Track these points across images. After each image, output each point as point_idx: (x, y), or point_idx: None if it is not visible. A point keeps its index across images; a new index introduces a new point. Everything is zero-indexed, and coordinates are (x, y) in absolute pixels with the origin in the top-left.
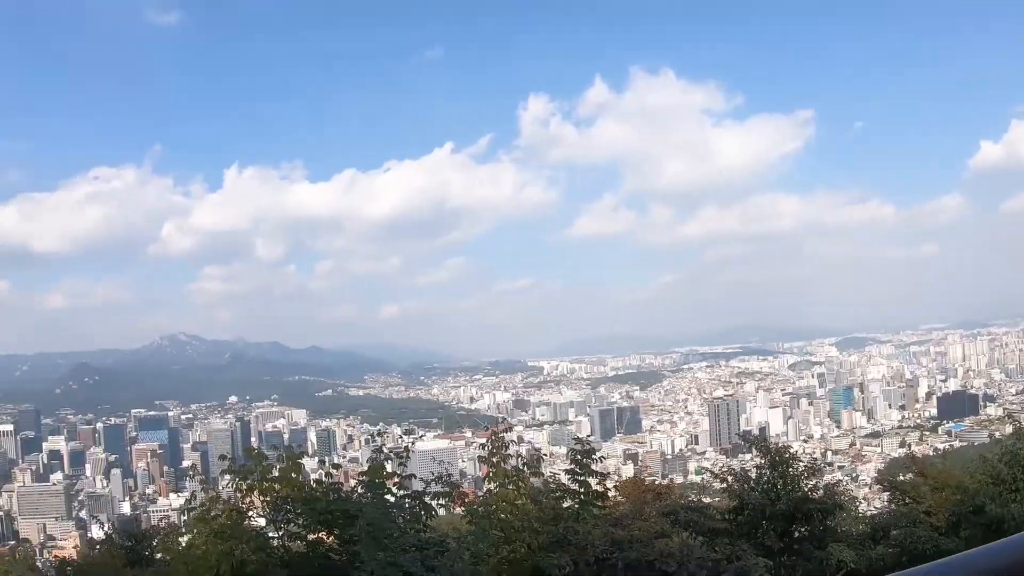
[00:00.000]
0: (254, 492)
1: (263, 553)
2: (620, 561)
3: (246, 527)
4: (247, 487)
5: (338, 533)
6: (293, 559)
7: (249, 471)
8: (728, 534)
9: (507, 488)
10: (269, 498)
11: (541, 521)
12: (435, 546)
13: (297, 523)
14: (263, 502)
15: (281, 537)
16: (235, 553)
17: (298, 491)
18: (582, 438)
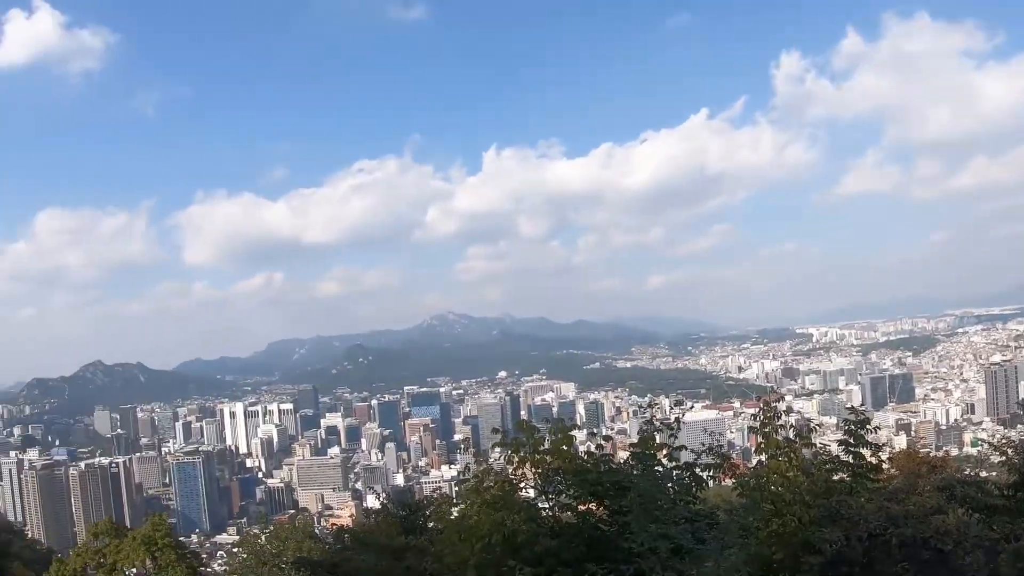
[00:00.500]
0: (526, 464)
1: (533, 523)
2: (894, 537)
3: (517, 498)
4: (519, 459)
5: (608, 504)
6: (563, 529)
7: (521, 444)
8: (1007, 511)
9: (778, 460)
10: (540, 470)
11: (812, 494)
12: (705, 518)
13: (568, 494)
14: (534, 474)
15: (551, 508)
16: (506, 523)
17: (569, 463)
18: (855, 407)
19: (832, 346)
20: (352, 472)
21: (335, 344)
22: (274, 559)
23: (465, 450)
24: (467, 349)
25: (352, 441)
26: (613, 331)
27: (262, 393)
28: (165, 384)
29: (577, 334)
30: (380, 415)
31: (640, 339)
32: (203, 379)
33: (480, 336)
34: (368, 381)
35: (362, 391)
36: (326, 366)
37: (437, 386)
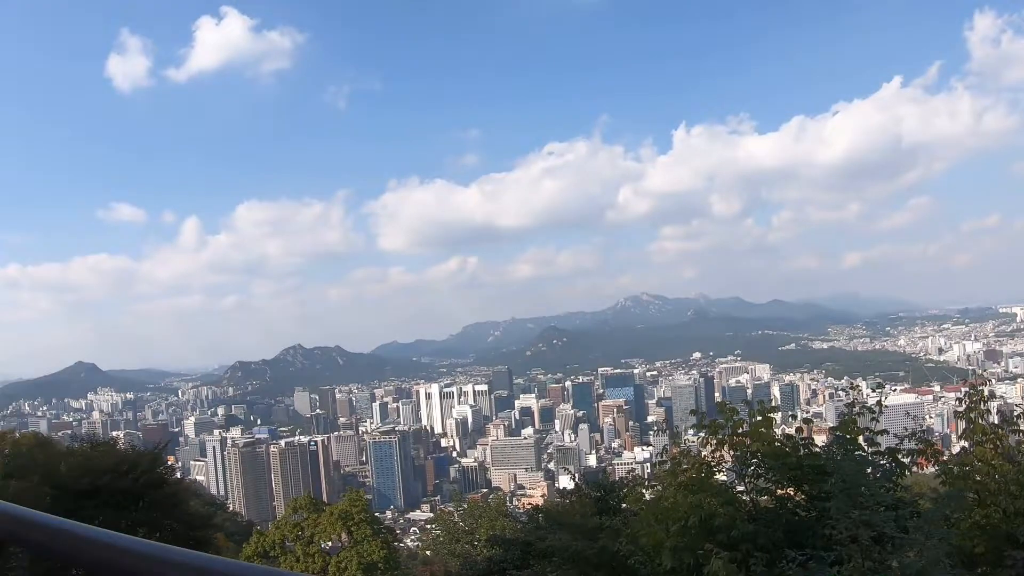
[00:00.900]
0: (724, 446)
1: (731, 507)
2: None
3: (714, 481)
4: (717, 441)
5: (807, 489)
6: (760, 514)
7: (719, 426)
8: None
9: (983, 447)
10: (738, 452)
11: (1018, 484)
12: (908, 506)
13: (766, 478)
14: (732, 456)
15: (748, 492)
16: (703, 506)
17: (768, 446)
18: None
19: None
20: (545, 452)
21: (529, 326)
22: (467, 536)
23: (659, 432)
24: (661, 330)
25: (545, 422)
26: (808, 311)
27: (457, 375)
28: (362, 366)
29: (772, 314)
30: (574, 396)
31: (836, 319)
32: (399, 361)
33: (674, 317)
34: (562, 362)
35: (556, 372)
36: (520, 348)
37: (631, 367)
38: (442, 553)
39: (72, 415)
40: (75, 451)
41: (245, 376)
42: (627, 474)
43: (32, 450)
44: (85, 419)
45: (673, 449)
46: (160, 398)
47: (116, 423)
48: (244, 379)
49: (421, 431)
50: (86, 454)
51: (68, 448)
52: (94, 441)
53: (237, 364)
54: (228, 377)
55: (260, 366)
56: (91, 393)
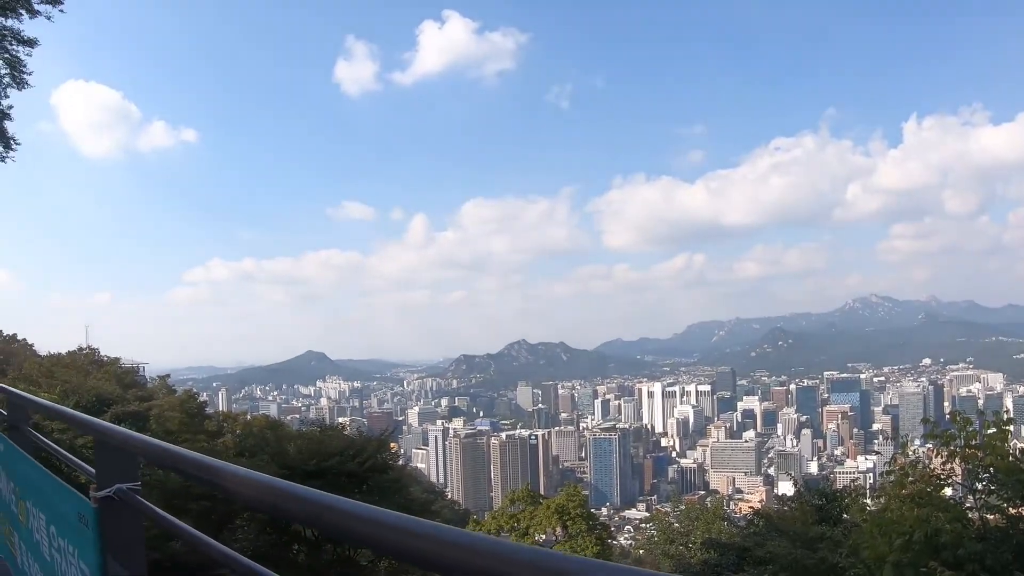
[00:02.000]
0: (955, 459)
1: (959, 524)
2: None
3: (943, 496)
4: (948, 453)
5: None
6: (989, 532)
7: (952, 437)
8: None
9: None
10: (970, 466)
11: None
12: None
13: (998, 495)
14: (963, 470)
15: (978, 509)
16: (929, 521)
17: (1002, 460)
18: None
19: None
20: (765, 457)
21: (754, 327)
22: (682, 537)
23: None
24: (889, 334)
25: (768, 425)
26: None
27: (680, 374)
28: (586, 363)
29: (1008, 319)
30: (798, 400)
31: None
32: (623, 359)
33: (904, 320)
34: (787, 365)
35: (780, 375)
36: (745, 348)
37: (857, 372)
38: (655, 553)
39: (301, 400)
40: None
41: (469, 369)
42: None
43: (263, 431)
44: (313, 405)
45: (900, 459)
46: (386, 387)
47: (343, 410)
48: (468, 372)
49: (641, 429)
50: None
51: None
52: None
53: (461, 357)
54: (452, 369)
55: (484, 360)
56: (320, 381)
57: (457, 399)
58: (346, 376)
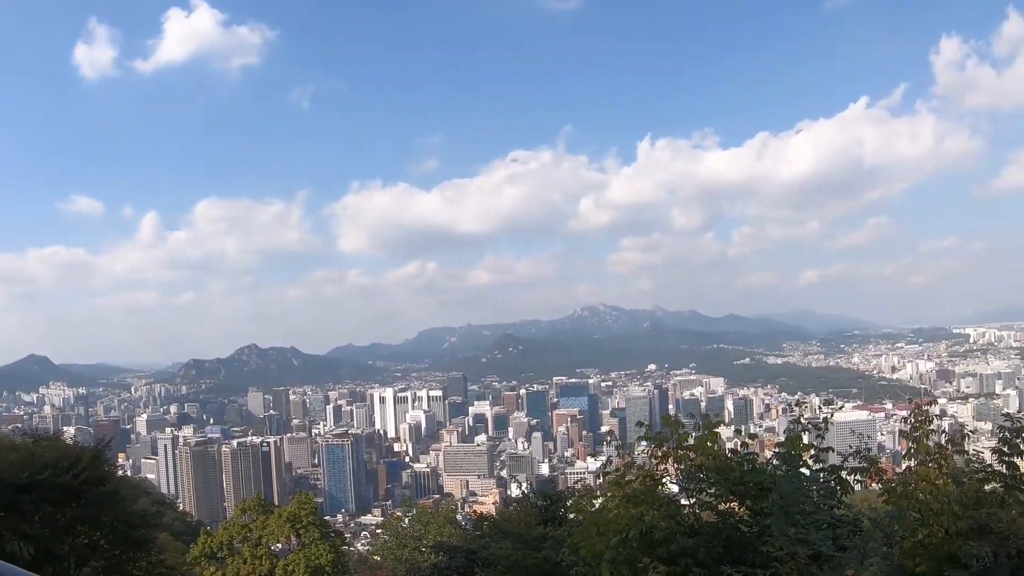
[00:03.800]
0: (669, 459)
1: (672, 520)
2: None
3: (658, 494)
4: (662, 454)
5: (750, 505)
6: (702, 528)
7: (665, 438)
8: None
9: (927, 466)
10: (683, 466)
11: (961, 505)
12: (848, 525)
13: (709, 492)
14: (677, 469)
15: (692, 506)
16: (644, 519)
17: (713, 460)
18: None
19: (990, 348)
20: (498, 460)
21: (485, 333)
22: (415, 542)
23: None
24: (617, 341)
25: (499, 429)
26: (764, 326)
27: (412, 379)
28: (317, 368)
29: (728, 328)
30: (528, 404)
31: (791, 335)
32: (355, 364)
33: (630, 328)
34: (517, 370)
35: (511, 380)
36: (476, 354)
37: (586, 377)
38: (390, 559)
39: (23, 408)
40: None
41: (199, 374)
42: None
43: None
44: (36, 413)
45: (620, 460)
46: (113, 394)
47: (68, 418)
48: (198, 377)
49: (374, 435)
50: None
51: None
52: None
53: (191, 362)
54: (182, 375)
55: (214, 364)
56: (43, 387)
57: (187, 405)
58: (71, 382)
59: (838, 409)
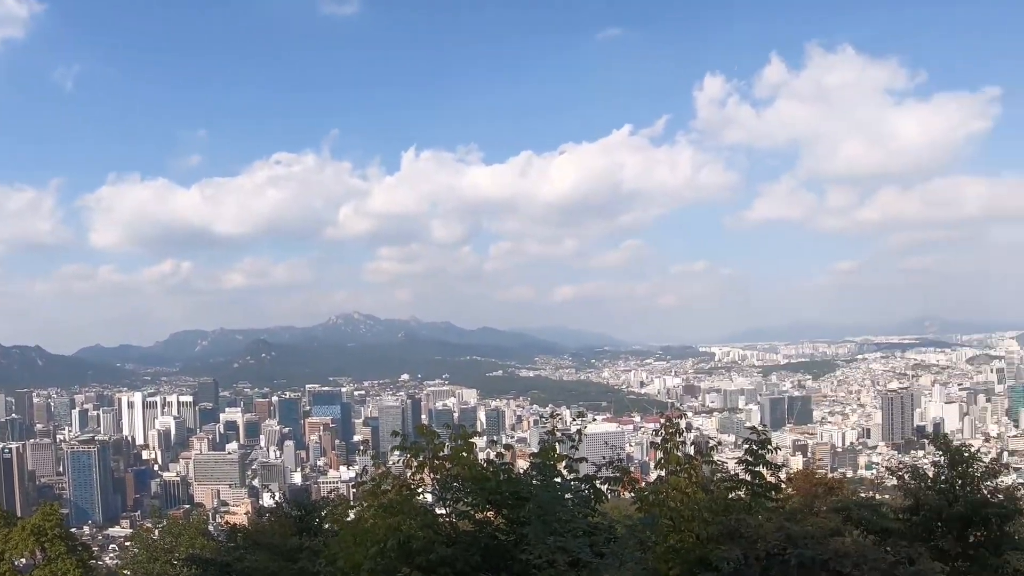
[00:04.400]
0: (424, 469)
1: (430, 530)
2: (793, 558)
3: (414, 504)
4: (418, 464)
5: (506, 514)
6: (460, 537)
7: (420, 448)
8: (902, 535)
9: (678, 475)
10: (439, 476)
11: (711, 511)
12: (604, 532)
13: (466, 502)
14: (433, 479)
15: (449, 515)
16: (402, 528)
17: (468, 470)
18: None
19: (734, 366)
20: (249, 469)
21: (238, 338)
22: (166, 555)
23: (364, 452)
24: (371, 350)
25: (251, 437)
26: (518, 340)
27: (162, 384)
28: (63, 369)
29: (482, 341)
30: (280, 412)
31: (544, 349)
32: (102, 366)
33: (385, 338)
34: (270, 377)
35: (263, 387)
36: (228, 359)
37: (339, 386)
38: (140, 573)
39: None
40: None
41: None
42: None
43: None
44: None
45: (375, 469)
46: None
47: None
48: None
49: (122, 442)
50: None
51: None
52: None
53: None
54: None
55: None
56: None
57: None
58: None
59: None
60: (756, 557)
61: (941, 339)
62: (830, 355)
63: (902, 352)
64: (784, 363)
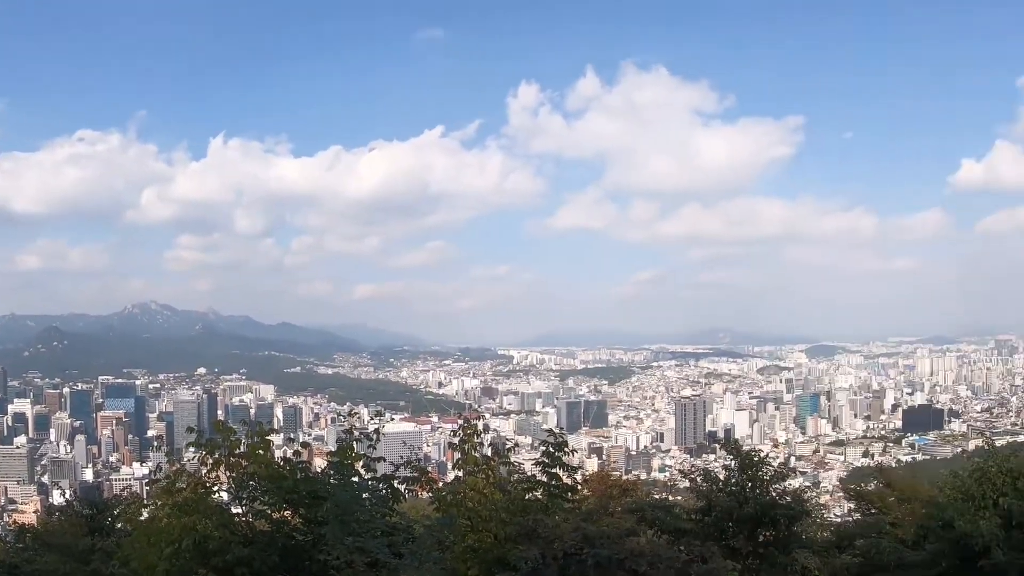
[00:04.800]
0: (220, 467)
1: (226, 530)
2: (590, 558)
3: (210, 502)
4: (213, 461)
5: (304, 513)
6: (256, 537)
7: (216, 445)
8: (695, 535)
9: (475, 476)
10: (235, 474)
11: (509, 512)
12: (402, 532)
13: (262, 501)
14: (229, 477)
15: (245, 514)
16: (197, 528)
17: (265, 468)
18: (554, 430)
19: (532, 369)
20: (39, 464)
21: (30, 324)
22: None
23: (158, 448)
24: (168, 342)
25: (41, 431)
26: (318, 337)
27: None
28: None
29: (281, 336)
30: (72, 404)
31: (344, 347)
32: None
33: (182, 330)
34: (62, 367)
35: (55, 377)
36: (19, 347)
37: (134, 378)
38: None
39: None
40: None
41: None
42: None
43: None
44: None
45: (170, 466)
46: None
47: None
48: None
49: None
50: None
51: None
52: None
53: None
54: None
55: None
56: None
57: None
58: None
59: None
60: (553, 557)
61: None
62: (627, 362)
63: (696, 361)
64: (582, 368)
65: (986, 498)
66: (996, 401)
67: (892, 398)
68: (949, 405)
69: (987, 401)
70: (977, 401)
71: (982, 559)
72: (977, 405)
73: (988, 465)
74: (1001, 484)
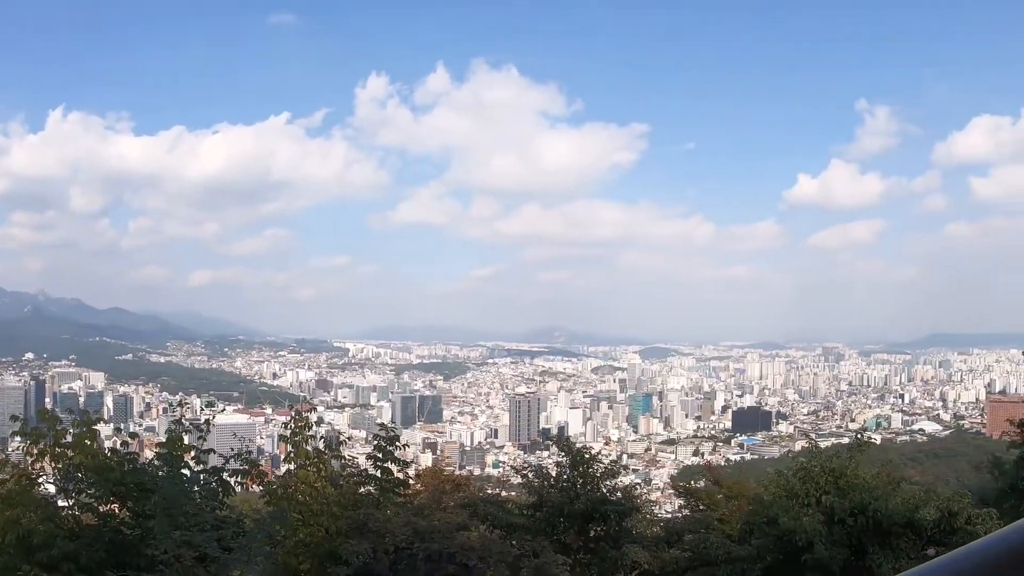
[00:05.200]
0: (45, 457)
1: (51, 523)
2: (421, 552)
3: (35, 495)
4: (38, 452)
5: (132, 506)
6: (83, 532)
7: (41, 435)
8: (527, 530)
9: (307, 470)
10: (61, 465)
11: (340, 506)
12: (232, 526)
13: (89, 493)
14: (54, 469)
15: (72, 507)
16: (22, 522)
17: (92, 459)
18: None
19: (367, 363)
20: None
21: None
22: None
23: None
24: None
25: None
26: (151, 323)
27: None
28: None
29: (113, 321)
30: None
31: (178, 334)
32: None
33: (11, 312)
34: None
35: None
36: None
37: None
38: None
39: None
40: None
41: None
42: None
43: None
44: None
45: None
46: None
47: None
48: None
49: None
50: None
51: None
52: None
53: None
54: None
55: None
56: None
57: None
58: None
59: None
60: (385, 551)
61: (569, 349)
62: (462, 358)
63: (531, 359)
64: (417, 363)
65: (809, 496)
66: (822, 404)
67: (723, 400)
68: (777, 407)
69: (814, 404)
70: (804, 404)
71: (805, 554)
72: (804, 408)
73: (812, 465)
74: (824, 483)
